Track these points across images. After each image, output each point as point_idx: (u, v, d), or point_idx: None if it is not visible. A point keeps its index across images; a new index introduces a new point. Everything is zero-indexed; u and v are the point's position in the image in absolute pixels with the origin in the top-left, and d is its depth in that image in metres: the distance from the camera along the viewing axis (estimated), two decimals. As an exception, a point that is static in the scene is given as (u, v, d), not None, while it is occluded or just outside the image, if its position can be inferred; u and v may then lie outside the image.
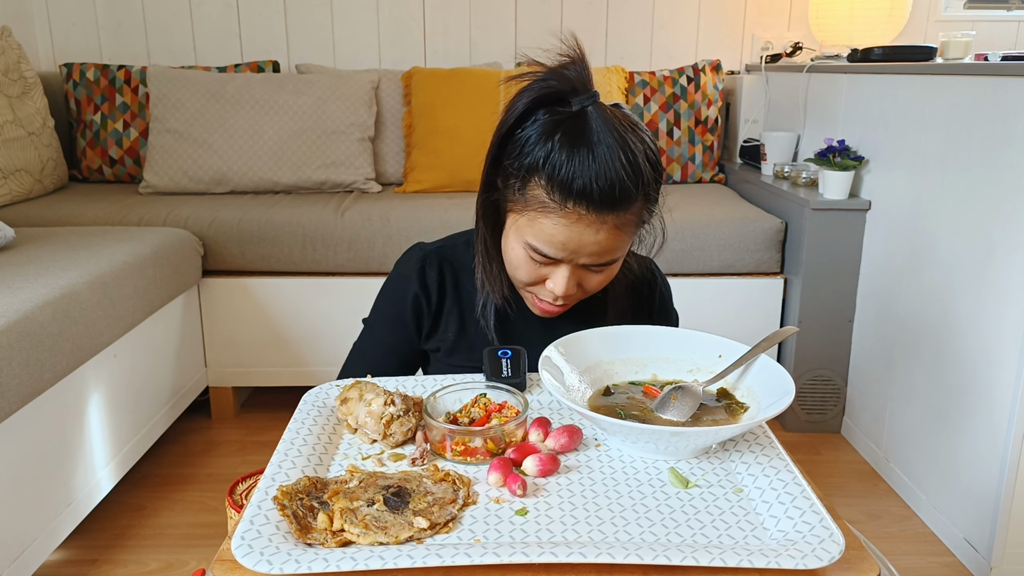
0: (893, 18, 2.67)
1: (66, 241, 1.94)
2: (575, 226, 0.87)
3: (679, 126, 2.80)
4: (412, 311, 1.06)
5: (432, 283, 1.06)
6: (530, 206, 0.89)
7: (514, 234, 0.94)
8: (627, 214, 0.88)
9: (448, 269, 1.07)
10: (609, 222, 0.87)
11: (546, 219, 0.88)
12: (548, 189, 0.86)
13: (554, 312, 0.98)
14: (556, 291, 0.93)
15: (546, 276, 0.93)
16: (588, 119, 0.86)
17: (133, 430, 1.89)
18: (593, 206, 0.85)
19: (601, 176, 0.84)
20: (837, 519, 0.65)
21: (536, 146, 0.87)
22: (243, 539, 0.61)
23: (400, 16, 2.99)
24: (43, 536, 1.52)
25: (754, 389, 0.84)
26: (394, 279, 1.09)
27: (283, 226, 2.25)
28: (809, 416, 2.30)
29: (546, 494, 0.70)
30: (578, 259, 0.90)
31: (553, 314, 0.99)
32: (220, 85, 2.62)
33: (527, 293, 1.00)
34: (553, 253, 0.89)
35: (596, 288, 0.96)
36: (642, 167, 0.87)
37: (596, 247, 0.89)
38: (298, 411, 0.85)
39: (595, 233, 0.87)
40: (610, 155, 0.84)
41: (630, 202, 0.87)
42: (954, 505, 1.76)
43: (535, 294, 0.98)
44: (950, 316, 1.77)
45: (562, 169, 0.85)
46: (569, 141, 0.85)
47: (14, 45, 2.52)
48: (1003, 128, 1.60)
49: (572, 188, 0.85)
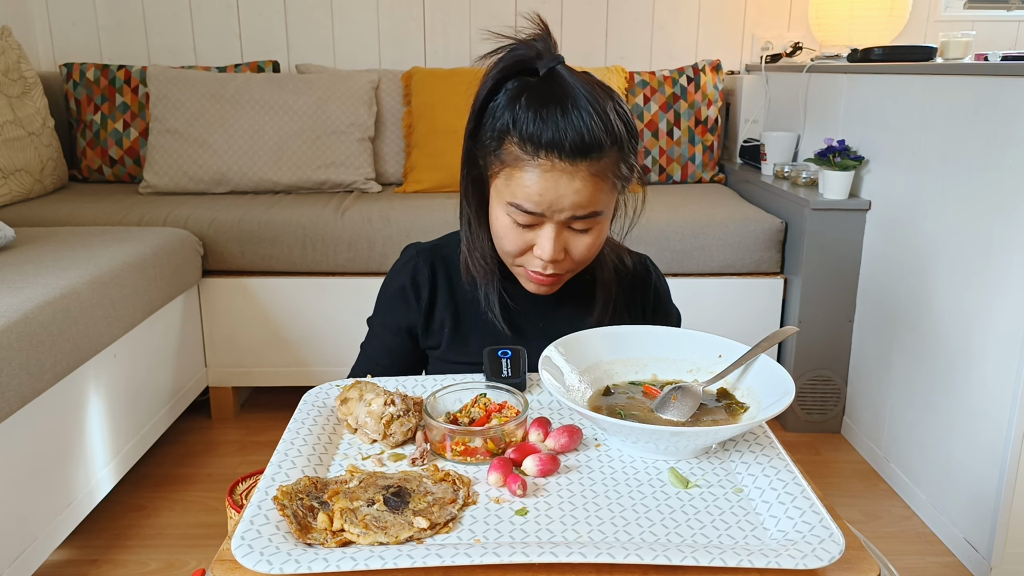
0: (893, 18, 2.68)
1: (66, 241, 1.94)
2: (550, 175, 0.89)
3: (679, 126, 2.80)
4: (404, 310, 1.08)
5: (423, 280, 1.07)
6: (506, 164, 0.91)
7: (496, 201, 0.96)
8: (600, 162, 0.90)
9: (441, 266, 1.08)
10: (583, 169, 0.89)
11: (522, 173, 0.90)
12: (521, 144, 0.89)
13: (546, 283, 0.98)
14: (543, 254, 0.93)
15: (532, 242, 0.94)
16: (555, 78, 0.90)
17: (133, 430, 1.89)
18: (565, 153, 0.88)
19: (570, 124, 0.87)
20: (837, 519, 0.65)
21: (507, 109, 0.91)
22: (243, 539, 0.61)
23: (400, 16, 2.99)
24: (43, 536, 1.52)
25: (754, 389, 0.84)
26: (388, 279, 1.11)
27: (283, 226, 2.25)
28: (809, 416, 2.30)
29: (546, 494, 0.70)
30: (559, 213, 0.91)
31: (546, 285, 0.99)
32: (220, 85, 2.62)
33: (518, 268, 1.00)
34: (533, 207, 0.90)
35: (584, 254, 0.96)
36: (611, 117, 0.90)
37: (575, 196, 0.89)
38: (298, 411, 0.85)
39: (571, 180, 0.89)
40: (578, 104, 0.88)
41: (602, 149, 0.89)
42: (954, 505, 1.76)
43: (525, 266, 0.98)
44: (950, 316, 1.77)
45: (532, 122, 0.88)
46: (537, 97, 0.89)
47: (14, 45, 2.52)
48: (1003, 128, 1.60)
49: (543, 138, 0.88)
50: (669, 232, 2.26)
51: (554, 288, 1.01)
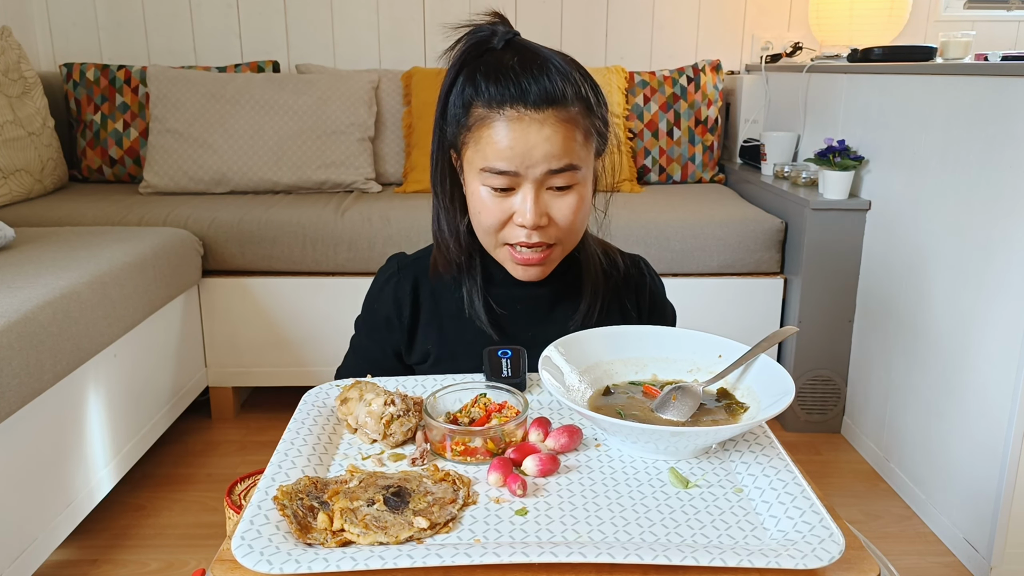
0: (893, 18, 2.67)
1: (66, 241, 1.94)
2: (518, 126, 0.89)
3: (679, 126, 2.80)
4: (387, 334, 1.06)
5: (404, 297, 1.04)
6: (474, 129, 0.91)
7: (470, 176, 0.94)
8: (568, 111, 0.90)
9: (424, 281, 1.05)
10: (551, 116, 0.89)
11: (490, 130, 0.90)
12: (487, 104, 0.90)
13: (534, 261, 0.95)
14: (525, 220, 0.91)
15: (512, 211, 0.93)
16: (513, 46, 0.92)
17: (133, 430, 1.89)
18: (530, 101, 0.88)
19: (531, 74, 0.89)
20: (837, 519, 0.65)
21: (469, 80, 0.91)
22: (243, 539, 0.61)
23: (400, 16, 2.99)
24: (43, 536, 1.52)
25: (754, 389, 0.84)
26: (372, 294, 1.09)
27: (283, 226, 2.25)
28: (809, 416, 2.30)
29: (546, 494, 0.70)
30: (533, 168, 0.90)
31: (534, 264, 0.96)
32: (220, 85, 2.62)
33: (502, 250, 0.97)
34: (505, 164, 0.89)
35: (569, 220, 0.94)
36: (572, 71, 0.91)
37: (547, 145, 0.89)
38: (298, 411, 0.85)
39: (540, 128, 0.89)
40: (538, 58, 0.90)
41: (565, 98, 0.90)
42: (954, 505, 1.76)
43: (509, 244, 0.95)
44: (950, 316, 1.78)
45: (495, 80, 0.89)
46: (498, 60, 0.91)
47: (14, 45, 2.52)
48: (1003, 128, 1.60)
49: (505, 93, 0.89)
50: (669, 232, 2.26)
51: (544, 269, 0.98)
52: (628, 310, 1.08)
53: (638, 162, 2.81)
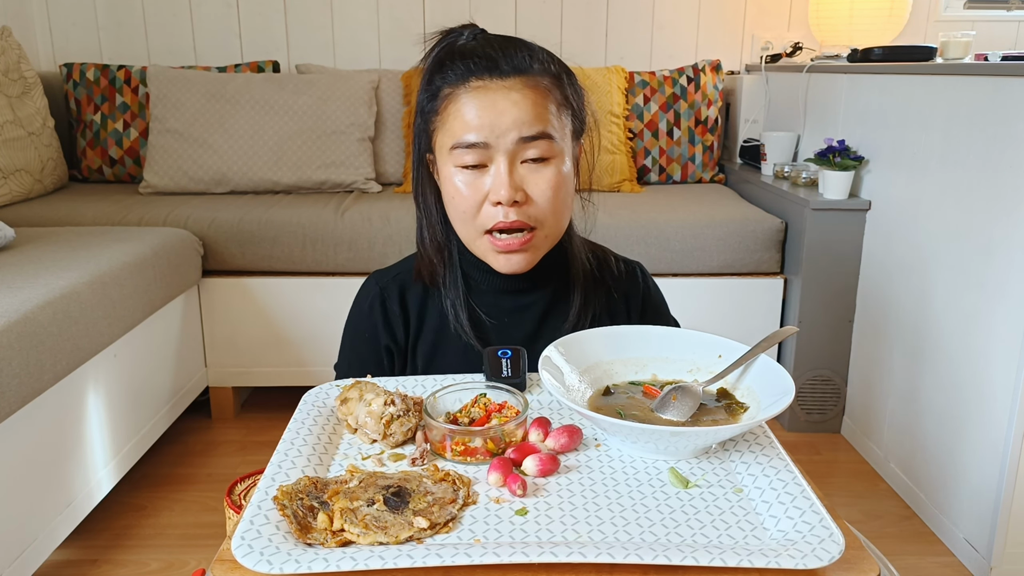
0: (893, 18, 2.67)
1: (66, 241, 1.94)
2: (483, 95, 0.87)
3: (679, 126, 2.80)
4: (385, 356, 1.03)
5: (396, 320, 1.02)
6: (442, 111, 0.91)
7: (443, 162, 0.92)
8: (535, 79, 0.89)
9: (411, 296, 1.03)
10: (517, 83, 0.88)
11: (458, 105, 0.89)
12: (452, 83, 0.89)
13: (515, 248, 0.92)
14: (500, 195, 0.88)
15: (486, 191, 0.89)
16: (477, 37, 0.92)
17: (133, 430, 1.89)
18: (493, 71, 0.87)
19: (492, 44, 0.89)
20: (837, 519, 0.65)
21: (438, 71, 0.91)
22: (243, 539, 0.61)
23: (400, 16, 2.99)
24: (43, 536, 1.52)
25: (754, 389, 0.83)
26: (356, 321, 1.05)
27: (283, 226, 2.25)
28: (809, 416, 2.30)
29: (546, 494, 0.70)
30: (504, 137, 0.87)
31: (516, 251, 0.92)
32: (220, 85, 2.62)
33: (482, 241, 0.93)
34: (475, 135, 0.87)
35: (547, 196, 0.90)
36: (540, 51, 0.91)
37: (515, 110, 0.87)
38: (298, 411, 0.85)
39: (507, 93, 0.87)
40: (501, 38, 0.91)
41: (532, 68, 0.89)
42: (954, 505, 1.76)
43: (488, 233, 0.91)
44: (950, 316, 1.77)
45: (460, 60, 0.89)
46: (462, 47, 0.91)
47: (14, 45, 2.52)
48: (1003, 128, 1.60)
49: (470, 65, 0.88)
50: (669, 232, 2.26)
51: (527, 257, 0.93)
52: (620, 317, 1.04)
53: (638, 162, 2.81)
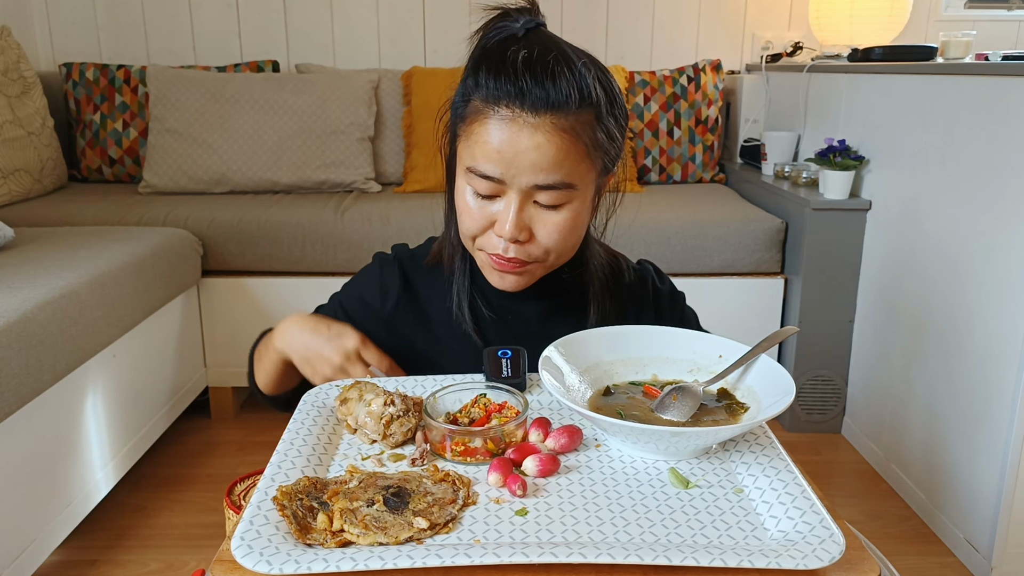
0: (893, 18, 2.67)
1: (65, 241, 1.94)
2: (509, 127, 0.81)
3: (679, 126, 2.80)
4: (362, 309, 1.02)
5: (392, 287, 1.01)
6: (468, 122, 0.85)
7: (459, 174, 0.88)
8: (568, 118, 0.81)
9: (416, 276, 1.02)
10: (547, 123, 0.80)
11: (482, 127, 0.83)
12: (483, 99, 0.83)
13: (508, 270, 0.89)
14: (503, 231, 0.84)
15: (494, 218, 0.86)
16: (530, 37, 0.83)
17: (132, 430, 1.89)
18: (527, 102, 0.80)
19: (534, 71, 0.80)
20: (837, 519, 0.65)
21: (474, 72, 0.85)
22: (243, 539, 0.61)
23: (400, 16, 2.99)
24: (42, 537, 1.52)
25: (754, 389, 0.83)
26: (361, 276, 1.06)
27: (283, 226, 2.25)
28: (809, 416, 2.30)
29: (546, 494, 0.70)
30: (520, 177, 0.82)
31: (509, 273, 0.90)
32: (220, 85, 2.62)
33: (480, 254, 0.91)
34: (491, 168, 0.82)
35: (554, 240, 0.87)
36: (586, 75, 0.82)
37: (535, 154, 0.81)
38: (298, 411, 0.84)
39: (532, 134, 0.80)
40: (547, 56, 0.81)
41: (568, 104, 0.81)
42: (954, 505, 1.76)
43: (488, 252, 0.89)
44: (950, 316, 1.77)
45: (495, 72, 0.82)
46: (504, 52, 0.82)
47: (14, 45, 2.52)
48: (1003, 128, 1.60)
49: (502, 89, 0.81)
50: (669, 232, 2.26)
51: (520, 283, 0.91)
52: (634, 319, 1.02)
53: (638, 162, 2.81)
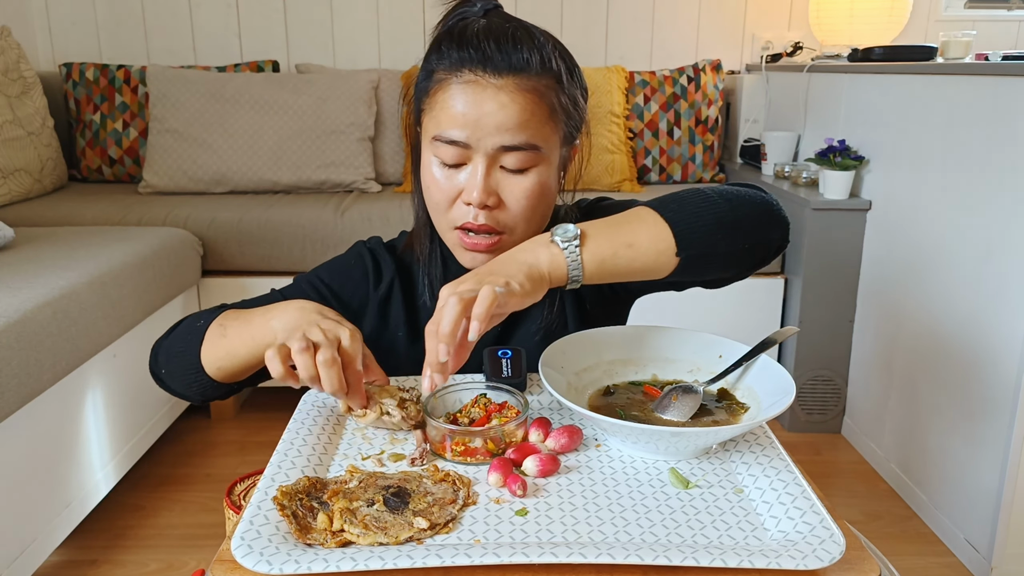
0: (893, 18, 2.67)
1: (65, 241, 1.94)
2: (471, 90, 0.83)
3: (679, 126, 2.80)
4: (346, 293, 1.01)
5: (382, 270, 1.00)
6: (431, 94, 0.86)
7: (425, 149, 0.89)
8: (531, 80, 0.83)
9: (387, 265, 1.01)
10: (510, 83, 0.82)
11: (445, 94, 0.84)
12: (447, 68, 0.85)
13: (482, 249, 0.89)
14: (471, 197, 0.85)
15: (461, 188, 0.86)
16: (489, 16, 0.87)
17: (132, 430, 1.89)
18: (487, 64, 0.82)
19: (494, 37, 0.83)
20: (837, 519, 0.65)
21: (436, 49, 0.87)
22: (243, 539, 0.61)
23: (400, 16, 2.99)
24: (42, 536, 1.52)
25: (754, 389, 0.83)
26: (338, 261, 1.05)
27: (283, 226, 2.25)
28: (809, 416, 2.30)
29: (546, 494, 0.70)
30: (485, 139, 0.83)
31: (481, 252, 0.89)
32: (220, 85, 2.62)
33: (452, 234, 0.90)
34: (456, 132, 0.83)
35: (523, 205, 0.86)
36: (545, 43, 0.85)
37: (501, 114, 0.82)
38: (298, 411, 0.85)
39: (495, 94, 0.82)
40: (506, 25, 0.85)
41: (529, 66, 0.83)
42: (955, 505, 1.76)
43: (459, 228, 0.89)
44: (950, 316, 1.77)
45: (457, 46, 0.84)
46: (466, 27, 0.85)
47: (13, 45, 2.52)
48: (1003, 128, 1.60)
49: (465, 56, 0.83)
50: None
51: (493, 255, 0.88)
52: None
53: (638, 162, 2.81)
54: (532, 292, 0.75)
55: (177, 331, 0.93)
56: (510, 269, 0.76)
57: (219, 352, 0.87)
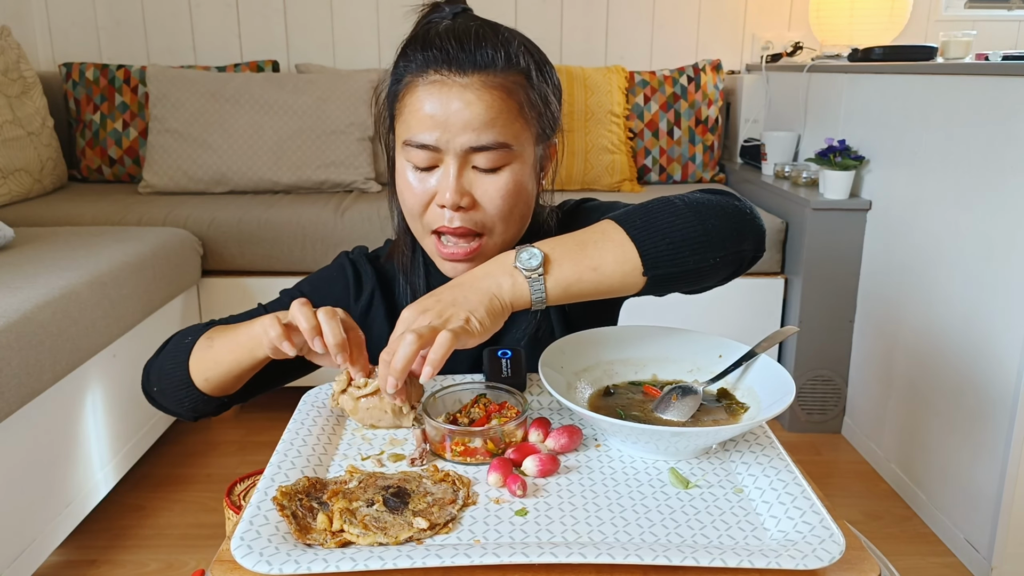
0: (893, 18, 2.67)
1: (65, 241, 1.94)
2: (439, 89, 0.82)
3: (679, 126, 2.80)
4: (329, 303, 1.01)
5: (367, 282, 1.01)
6: (400, 98, 0.86)
7: (398, 155, 0.89)
8: (498, 77, 0.83)
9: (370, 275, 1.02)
10: (475, 81, 0.82)
11: (412, 96, 0.84)
12: (414, 72, 0.84)
13: (460, 257, 0.88)
14: (444, 199, 0.84)
15: (434, 191, 0.86)
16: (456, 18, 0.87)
17: (132, 430, 1.89)
18: (452, 64, 0.82)
19: (457, 37, 0.83)
20: (837, 519, 0.65)
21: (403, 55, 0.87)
22: (242, 539, 0.61)
23: (400, 16, 2.98)
24: (42, 537, 1.52)
25: (754, 389, 0.83)
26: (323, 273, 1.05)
27: (283, 226, 2.25)
28: (809, 416, 2.30)
29: (546, 494, 0.70)
30: (455, 139, 0.82)
31: (460, 259, 0.88)
32: (220, 85, 2.62)
33: (429, 240, 0.90)
34: (426, 135, 0.83)
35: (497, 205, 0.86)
36: (511, 40, 0.85)
37: (468, 112, 0.82)
38: (297, 411, 0.84)
39: (462, 92, 0.82)
40: (472, 24, 0.85)
41: (495, 64, 0.83)
42: (954, 505, 1.76)
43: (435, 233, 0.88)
44: (950, 316, 1.77)
45: (422, 48, 0.84)
46: (432, 30, 0.85)
47: (13, 45, 2.52)
48: (1003, 128, 1.60)
49: (430, 56, 0.83)
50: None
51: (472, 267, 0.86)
52: None
53: (638, 162, 2.81)
54: (491, 328, 0.77)
55: (166, 349, 0.95)
56: (472, 300, 0.76)
57: (207, 363, 0.88)
